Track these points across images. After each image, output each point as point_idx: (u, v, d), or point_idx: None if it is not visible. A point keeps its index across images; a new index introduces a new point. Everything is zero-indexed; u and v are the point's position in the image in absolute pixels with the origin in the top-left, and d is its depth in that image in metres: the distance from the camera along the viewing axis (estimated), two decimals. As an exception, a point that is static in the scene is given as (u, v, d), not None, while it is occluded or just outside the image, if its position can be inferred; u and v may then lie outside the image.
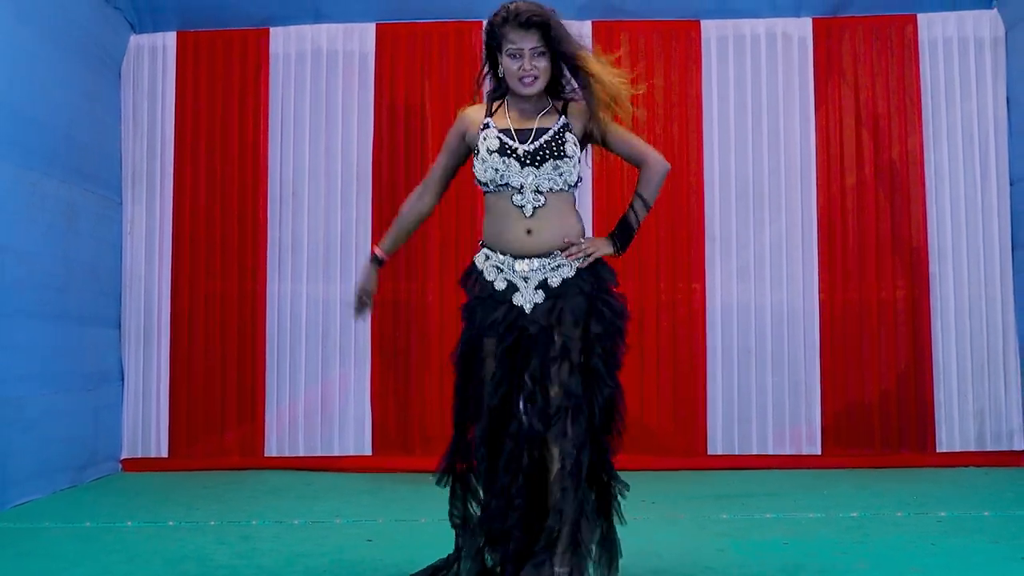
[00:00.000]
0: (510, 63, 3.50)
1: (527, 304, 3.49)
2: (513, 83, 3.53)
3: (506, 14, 3.49)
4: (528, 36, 3.47)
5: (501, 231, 3.54)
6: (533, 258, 3.50)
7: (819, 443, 7.00)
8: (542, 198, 3.49)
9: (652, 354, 7.04)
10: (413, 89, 7.21)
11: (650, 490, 6.01)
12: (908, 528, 4.84)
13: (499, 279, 3.53)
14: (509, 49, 3.49)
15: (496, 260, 3.55)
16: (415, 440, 7.03)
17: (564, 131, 3.54)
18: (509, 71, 3.51)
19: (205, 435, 7.10)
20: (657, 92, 7.17)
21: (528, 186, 3.48)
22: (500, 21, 3.51)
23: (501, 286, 3.52)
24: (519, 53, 3.48)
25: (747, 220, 7.14)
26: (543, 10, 3.48)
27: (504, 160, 3.48)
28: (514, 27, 3.47)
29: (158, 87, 7.27)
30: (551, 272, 3.49)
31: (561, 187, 3.51)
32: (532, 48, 3.47)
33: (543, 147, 3.49)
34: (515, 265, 3.51)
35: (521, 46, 3.47)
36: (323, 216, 7.18)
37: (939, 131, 7.08)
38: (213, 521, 5.17)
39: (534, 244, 3.50)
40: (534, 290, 3.49)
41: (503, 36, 3.50)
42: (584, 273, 3.52)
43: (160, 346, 7.14)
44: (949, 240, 7.03)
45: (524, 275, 3.50)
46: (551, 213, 3.51)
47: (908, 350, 7.02)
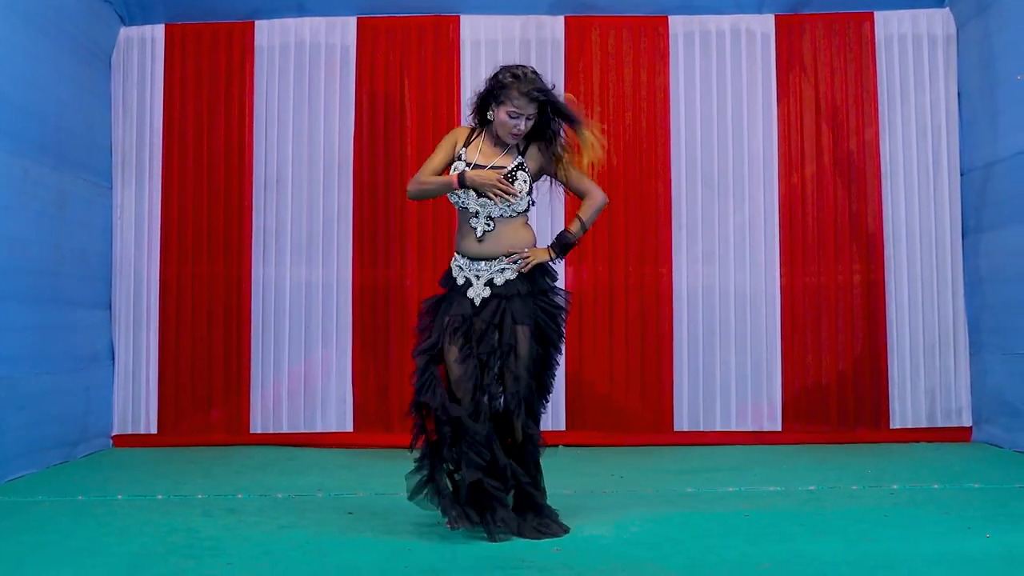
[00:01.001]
0: (507, 119, 4.10)
1: (477, 298, 4.17)
2: (502, 133, 4.15)
3: (519, 79, 4.08)
4: (530, 106, 4.08)
5: (462, 240, 4.22)
6: (483, 260, 4.17)
7: (779, 420, 7.05)
8: (492, 223, 4.15)
9: (620, 335, 7.07)
10: (393, 81, 7.19)
11: (619, 465, 6.06)
12: (863, 500, 4.88)
13: (460, 276, 4.21)
14: (511, 111, 4.09)
15: (460, 262, 4.23)
16: (394, 417, 7.03)
17: (517, 169, 4.16)
18: (503, 124, 4.12)
19: (192, 412, 7.09)
20: (627, 85, 7.20)
21: (482, 213, 4.14)
22: (511, 81, 4.08)
23: (461, 281, 4.21)
24: (518, 115, 4.09)
25: (712, 207, 7.16)
26: (548, 90, 4.10)
27: (464, 190, 4.13)
28: (521, 94, 4.06)
29: (147, 77, 7.23)
30: (496, 273, 4.17)
31: (510, 214, 4.16)
32: (529, 116, 4.09)
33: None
34: (471, 265, 4.19)
35: (522, 112, 4.08)
36: (306, 203, 7.16)
37: (894, 123, 7.13)
38: (200, 495, 5.17)
39: (484, 249, 4.17)
40: (483, 286, 4.16)
41: (508, 96, 4.07)
42: (523, 277, 4.17)
43: (149, 327, 7.12)
44: (903, 226, 7.09)
45: (476, 273, 4.18)
46: (499, 233, 4.17)
47: (864, 331, 7.07)
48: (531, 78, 4.08)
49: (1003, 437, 6.67)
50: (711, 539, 4.10)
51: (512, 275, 4.15)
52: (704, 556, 3.82)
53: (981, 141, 6.87)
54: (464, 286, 4.18)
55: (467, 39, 7.20)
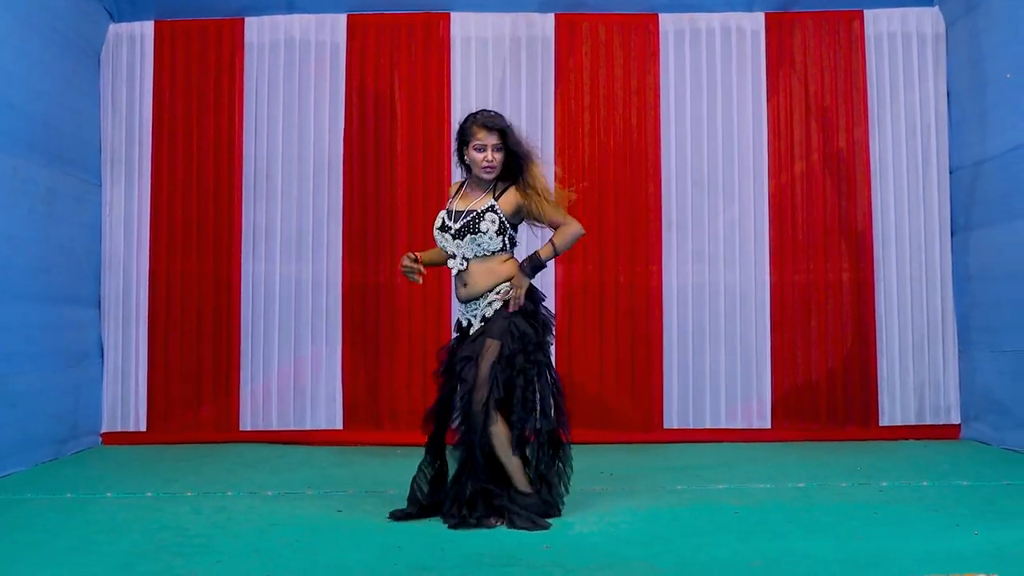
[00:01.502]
0: (476, 154, 4.44)
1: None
2: (476, 170, 4.47)
3: (475, 118, 4.48)
4: (491, 135, 4.42)
5: (455, 288, 4.55)
6: (471, 301, 4.48)
7: (769, 418, 7.06)
8: (465, 263, 4.45)
9: (611, 333, 7.07)
10: (383, 78, 7.18)
11: (609, 463, 6.04)
12: (852, 497, 4.89)
13: (463, 318, 4.54)
14: (476, 144, 4.43)
15: (458, 306, 4.56)
16: (383, 415, 7.05)
17: (487, 211, 4.43)
18: (475, 160, 4.46)
19: (182, 410, 7.08)
20: (617, 83, 7.20)
21: (458, 254, 4.45)
22: (469, 123, 4.48)
23: (465, 323, 4.53)
24: (483, 147, 4.42)
25: (702, 205, 7.17)
26: (503, 119, 4.49)
27: (442, 234, 4.48)
28: (480, 127, 4.43)
29: (136, 74, 7.20)
30: (486, 308, 4.45)
31: (483, 254, 4.45)
32: (494, 144, 4.42)
33: (463, 226, 4.42)
34: (465, 309, 4.52)
35: (485, 142, 4.42)
36: (296, 200, 7.15)
37: (883, 121, 7.15)
38: (190, 492, 5.16)
39: (468, 292, 4.48)
40: (479, 323, 4.45)
41: (472, 134, 4.45)
42: (507, 303, 4.44)
43: (138, 325, 7.10)
44: (892, 225, 7.11)
45: (473, 314, 4.48)
46: (475, 273, 4.45)
47: (853, 329, 7.08)
48: (487, 112, 4.50)
49: (991, 435, 6.69)
50: (701, 537, 4.09)
51: (499, 305, 4.42)
52: (694, 554, 3.81)
53: (970, 139, 6.88)
54: (468, 327, 4.50)
55: (457, 36, 7.20)
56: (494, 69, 7.22)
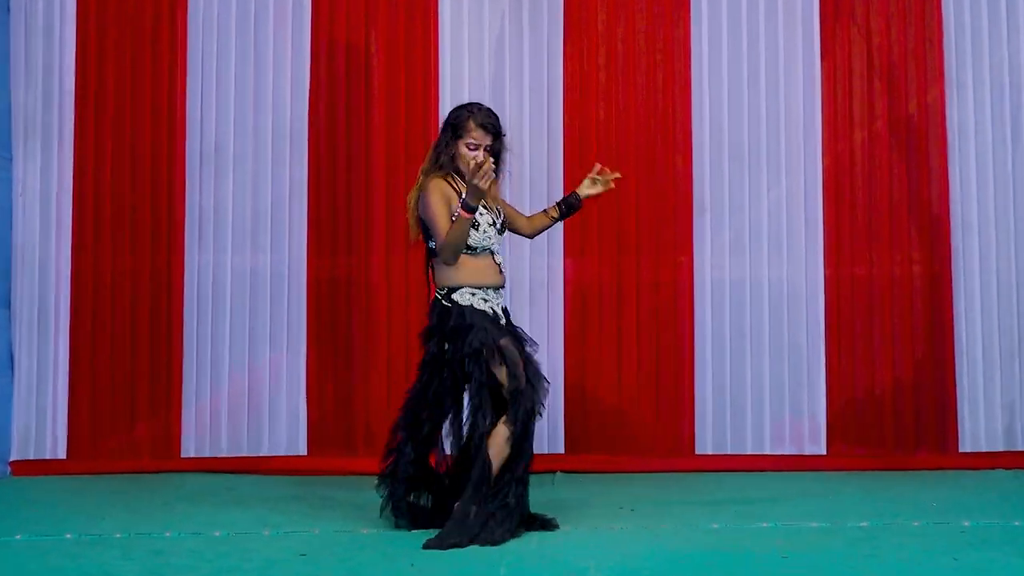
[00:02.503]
0: (467, 152, 5.03)
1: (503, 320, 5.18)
2: (462, 165, 5.04)
3: (470, 113, 5.05)
4: (487, 136, 5.04)
5: (484, 276, 5.06)
6: (500, 289, 5.16)
7: (823, 442, 7.05)
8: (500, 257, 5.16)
9: (631, 339, 7.07)
10: (356, 30, 7.17)
11: (629, 495, 6.08)
12: (926, 540, 4.86)
13: (487, 308, 5.04)
14: (470, 142, 5.02)
15: (483, 294, 5.05)
16: (357, 438, 7.05)
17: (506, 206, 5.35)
18: (463, 156, 5.03)
19: (111, 432, 7.06)
20: (639, 36, 7.19)
21: (498, 250, 5.14)
22: (466, 117, 5.05)
23: (491, 312, 5.06)
24: (477, 146, 5.02)
25: (742, 185, 7.17)
26: (498, 122, 5.10)
27: (495, 232, 5.10)
28: (478, 127, 5.02)
29: (55, 25, 7.17)
30: (503, 301, 5.21)
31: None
32: (487, 146, 5.04)
33: (503, 222, 5.21)
34: (495, 296, 5.11)
35: (480, 142, 5.03)
36: (251, 177, 7.16)
37: (963, 82, 7.12)
38: (119, 533, 5.13)
39: (503, 278, 5.18)
40: (502, 312, 5.14)
41: (467, 129, 5.03)
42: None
43: (58, 329, 7.09)
44: (974, 206, 7.09)
45: (499, 302, 5.13)
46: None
47: (926, 334, 7.07)
48: (486, 112, 5.07)
49: (1099, 463, 6.69)
50: (743, 587, 4.06)
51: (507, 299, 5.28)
52: (735, 608, 3.80)
53: (1071, 103, 6.88)
54: (496, 315, 5.08)
55: (446, -22, 7.23)
56: (491, 20, 7.22)
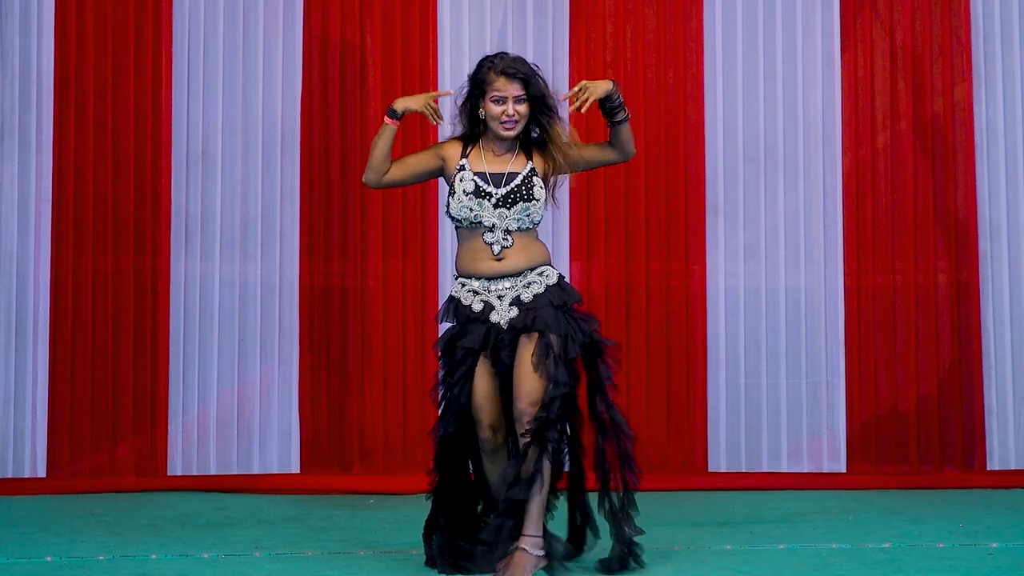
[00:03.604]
0: (493, 107, 4.57)
1: (503, 320, 4.56)
2: (494, 126, 4.60)
3: (492, 63, 4.62)
4: (512, 85, 4.55)
5: (474, 261, 4.62)
6: (505, 278, 4.58)
7: (843, 459, 7.05)
8: (510, 239, 4.59)
9: (641, 351, 7.06)
10: (351, 24, 7.16)
11: (639, 516, 5.99)
12: (952, 563, 4.86)
13: (475, 301, 4.60)
14: (494, 96, 4.57)
15: (472, 285, 4.63)
16: (352, 455, 7.03)
17: (532, 175, 4.64)
18: (492, 114, 4.58)
19: (93, 450, 7.02)
20: (649, 32, 7.19)
21: (499, 226, 4.57)
22: (485, 70, 4.61)
23: (478, 307, 4.59)
24: (503, 99, 4.56)
25: (757, 187, 7.18)
26: (527, 65, 4.64)
27: (479, 202, 4.56)
28: (500, 75, 4.56)
29: (32, 18, 7.13)
30: (523, 289, 4.58)
31: (528, 226, 4.64)
32: (516, 96, 4.56)
33: (515, 191, 4.58)
34: (490, 286, 4.59)
35: (505, 93, 4.55)
36: (240, 180, 7.14)
37: (992, 79, 7.11)
38: (102, 555, 5.11)
39: (504, 267, 4.59)
40: (508, 306, 4.56)
41: (489, 83, 4.58)
42: (553, 289, 4.61)
43: (37, 340, 7.05)
44: (1003, 211, 7.09)
45: (499, 293, 4.58)
46: (516, 248, 4.61)
47: (952, 345, 7.07)
48: (508, 58, 4.64)
49: None
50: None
51: (540, 288, 4.58)
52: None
53: (1103, 101, 6.86)
54: (483, 311, 4.58)
55: (444, -29, 7.22)
56: (492, 13, 7.21)
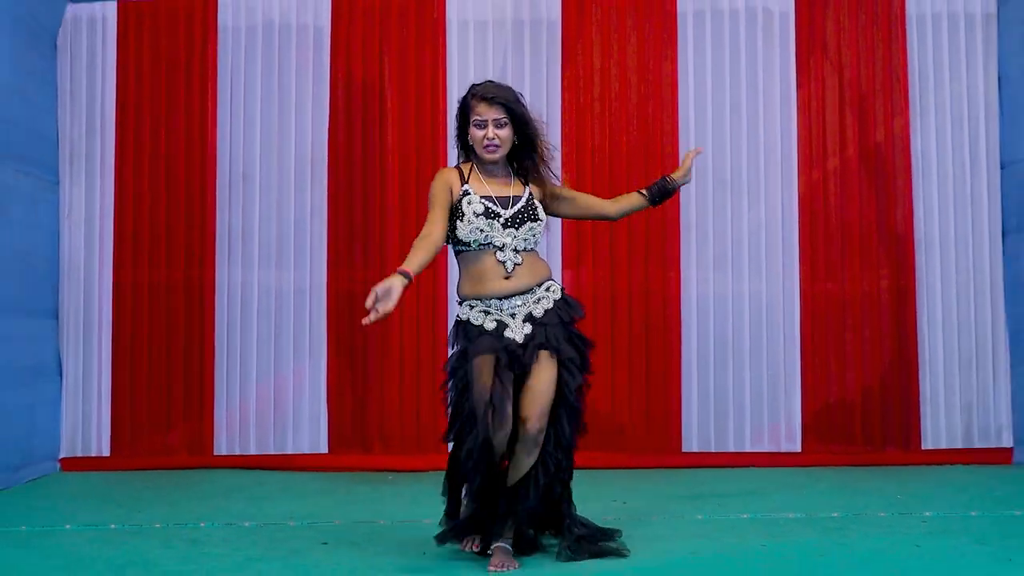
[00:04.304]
0: (476, 132, 4.28)
1: (519, 336, 4.22)
2: (478, 150, 4.31)
3: (474, 91, 4.32)
4: (492, 109, 4.25)
5: (483, 282, 4.27)
6: (516, 296, 4.26)
7: (799, 440, 7.04)
8: (519, 257, 4.26)
9: (624, 347, 7.05)
10: (372, 65, 7.18)
11: (621, 490, 6.02)
12: (892, 529, 4.88)
13: (487, 320, 4.25)
14: (475, 120, 4.27)
15: (483, 306, 4.27)
16: (373, 438, 7.04)
17: (532, 198, 4.35)
18: (475, 139, 4.29)
19: (150, 432, 7.07)
20: (630, 71, 7.20)
21: (508, 245, 4.24)
22: (469, 96, 4.32)
23: (491, 326, 4.24)
24: (483, 123, 4.26)
25: (724, 206, 7.16)
26: (508, 91, 4.32)
27: (489, 223, 4.23)
28: (480, 102, 4.26)
29: (97, 61, 7.20)
30: (534, 305, 4.27)
31: (532, 246, 4.33)
32: (495, 119, 4.25)
33: (522, 211, 4.28)
34: (503, 305, 4.26)
35: (485, 117, 4.26)
36: (276, 199, 7.15)
37: (927, 112, 7.13)
38: (158, 524, 5.15)
39: (513, 285, 4.25)
40: (522, 323, 4.24)
41: (471, 108, 4.29)
42: (561, 303, 4.32)
43: (101, 338, 7.10)
44: (936, 227, 7.09)
45: (512, 311, 4.25)
46: (525, 266, 4.29)
47: (892, 343, 7.07)
48: (488, 85, 4.36)
49: (1047, 459, 6.68)
50: (723, 572, 4.10)
51: (549, 303, 4.29)
52: (716, 591, 3.82)
53: (1023, 131, 6.87)
54: (497, 329, 4.24)
55: (454, 19, 7.21)
56: (494, 56, 7.22)
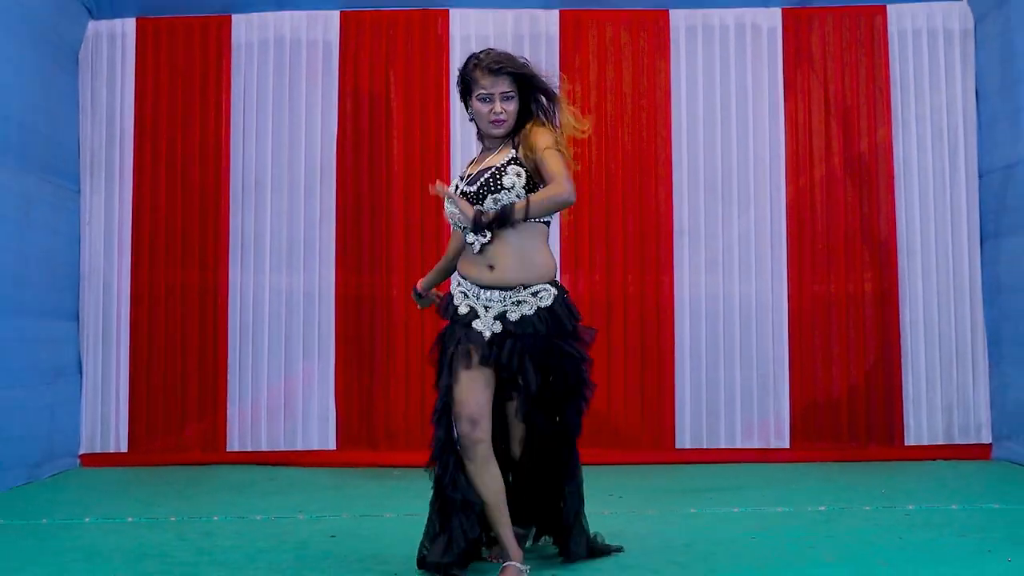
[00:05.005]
0: (480, 106, 3.79)
1: (486, 331, 3.73)
2: (483, 125, 3.83)
3: (476, 61, 3.80)
4: (498, 81, 3.75)
5: (469, 264, 3.82)
6: (495, 290, 3.75)
7: (787, 437, 7.03)
8: (488, 236, 3.71)
9: (620, 347, 7.03)
10: (378, 78, 7.18)
11: (618, 484, 6.02)
12: (876, 522, 4.87)
13: (463, 304, 3.79)
14: (480, 93, 3.77)
15: (464, 287, 3.82)
16: (379, 435, 7.03)
17: (508, 164, 3.75)
18: (480, 114, 3.80)
19: (166, 430, 7.05)
20: (625, 83, 7.19)
21: (478, 231, 3.72)
22: (471, 67, 3.81)
23: (464, 311, 3.78)
24: (489, 97, 3.76)
25: (716, 212, 7.15)
26: (512, 59, 3.79)
27: (453, 201, 3.74)
28: (484, 73, 3.75)
29: (117, 74, 7.20)
30: (511, 306, 3.74)
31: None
32: (503, 93, 3.76)
33: (481, 186, 3.72)
34: (480, 294, 3.77)
35: (491, 91, 3.75)
36: (286, 206, 7.14)
37: (908, 123, 7.13)
38: (174, 517, 5.13)
39: (494, 278, 3.75)
40: (492, 319, 3.73)
41: (474, 81, 3.79)
42: (544, 313, 3.73)
43: (119, 339, 7.09)
44: (918, 233, 7.08)
45: (486, 303, 3.76)
46: (508, 249, 3.74)
47: (876, 343, 7.06)
48: (492, 54, 3.81)
49: (1024, 454, 6.67)
50: (716, 563, 4.08)
51: (530, 310, 3.72)
52: (709, 581, 3.80)
53: (1000, 141, 6.85)
54: (468, 316, 3.78)
55: (456, 34, 7.19)
56: None
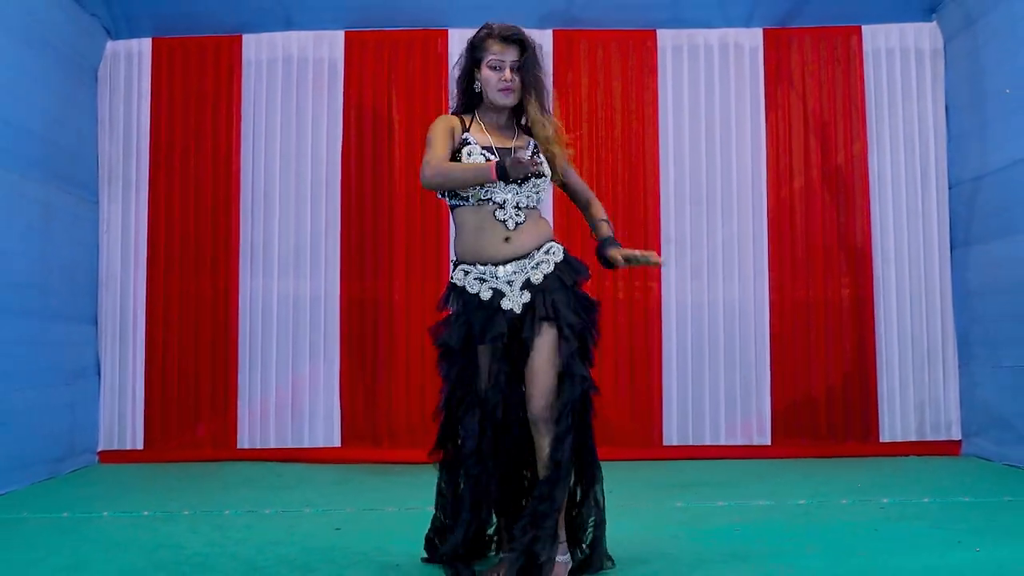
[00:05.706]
0: (490, 74, 3.60)
1: (516, 306, 3.54)
2: (492, 93, 3.61)
3: (489, 29, 3.64)
4: (509, 50, 3.59)
5: (479, 243, 3.58)
6: (512, 262, 3.56)
7: (769, 434, 7.05)
8: (522, 214, 3.57)
9: (610, 350, 7.02)
10: (380, 95, 7.19)
11: (608, 480, 5.95)
12: (853, 514, 4.88)
13: (484, 289, 3.57)
14: (491, 61, 3.59)
15: (477, 272, 3.58)
16: (382, 432, 7.03)
17: (537, 152, 3.65)
18: (489, 81, 3.60)
19: (179, 428, 7.06)
20: (615, 99, 7.21)
21: (510, 202, 3.55)
22: (484, 35, 3.64)
23: (487, 295, 3.56)
24: (500, 65, 3.59)
25: (701, 221, 7.17)
26: (524, 32, 3.63)
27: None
28: (497, 41, 3.59)
29: (134, 91, 7.21)
30: (532, 271, 3.56)
31: (535, 204, 3.63)
32: (513, 61, 3.59)
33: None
34: (497, 272, 3.56)
35: (503, 58, 3.58)
36: (293, 217, 7.14)
37: (882, 137, 7.16)
38: (187, 511, 5.14)
39: (512, 249, 3.56)
40: (520, 291, 3.55)
41: (485, 48, 3.62)
42: (563, 266, 3.60)
43: (136, 342, 7.09)
44: (891, 241, 7.11)
45: (508, 279, 3.56)
46: (527, 224, 3.59)
47: (853, 346, 7.07)
48: (504, 24, 3.64)
49: (992, 450, 6.67)
50: (701, 554, 4.08)
51: (549, 267, 3.56)
52: (693, 572, 3.79)
53: (969, 154, 6.88)
54: (493, 299, 3.55)
55: (455, 53, 7.06)
56: None
